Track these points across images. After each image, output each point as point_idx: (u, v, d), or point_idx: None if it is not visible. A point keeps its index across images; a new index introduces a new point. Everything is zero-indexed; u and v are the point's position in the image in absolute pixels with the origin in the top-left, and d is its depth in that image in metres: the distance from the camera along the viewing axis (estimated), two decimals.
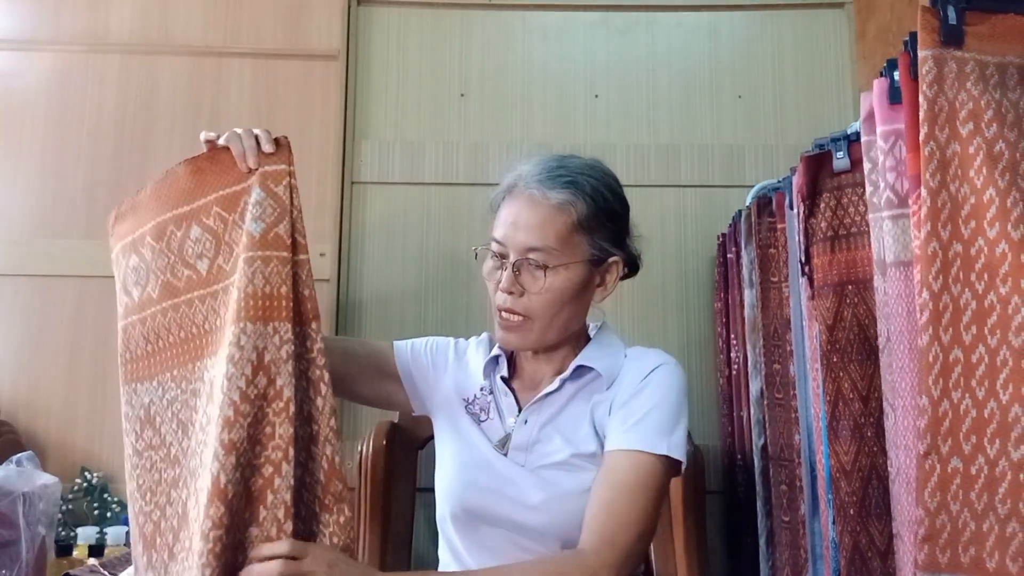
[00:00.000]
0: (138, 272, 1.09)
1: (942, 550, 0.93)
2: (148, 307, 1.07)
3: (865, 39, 2.37)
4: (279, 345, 0.95)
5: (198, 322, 1.02)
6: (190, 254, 1.04)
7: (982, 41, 0.99)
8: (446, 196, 2.35)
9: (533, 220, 1.14)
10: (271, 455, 0.92)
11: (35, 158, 2.31)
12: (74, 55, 2.37)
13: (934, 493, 0.94)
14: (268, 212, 0.98)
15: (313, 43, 2.40)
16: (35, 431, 2.18)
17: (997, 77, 0.98)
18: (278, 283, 0.96)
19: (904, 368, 1.05)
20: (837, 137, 1.39)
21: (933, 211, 0.96)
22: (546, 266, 1.14)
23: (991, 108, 0.96)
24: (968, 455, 0.94)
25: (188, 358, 1.03)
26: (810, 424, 1.49)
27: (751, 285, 1.83)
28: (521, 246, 1.15)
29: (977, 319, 0.95)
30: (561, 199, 1.14)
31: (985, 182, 0.95)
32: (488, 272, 1.19)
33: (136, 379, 1.08)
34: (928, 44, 0.98)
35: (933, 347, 0.96)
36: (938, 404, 0.95)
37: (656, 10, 2.48)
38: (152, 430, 1.05)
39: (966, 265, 0.96)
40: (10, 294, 2.25)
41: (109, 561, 1.35)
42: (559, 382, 1.20)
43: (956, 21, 0.98)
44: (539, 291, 1.14)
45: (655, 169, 2.38)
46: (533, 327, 1.17)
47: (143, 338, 1.07)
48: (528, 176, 1.18)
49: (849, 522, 1.23)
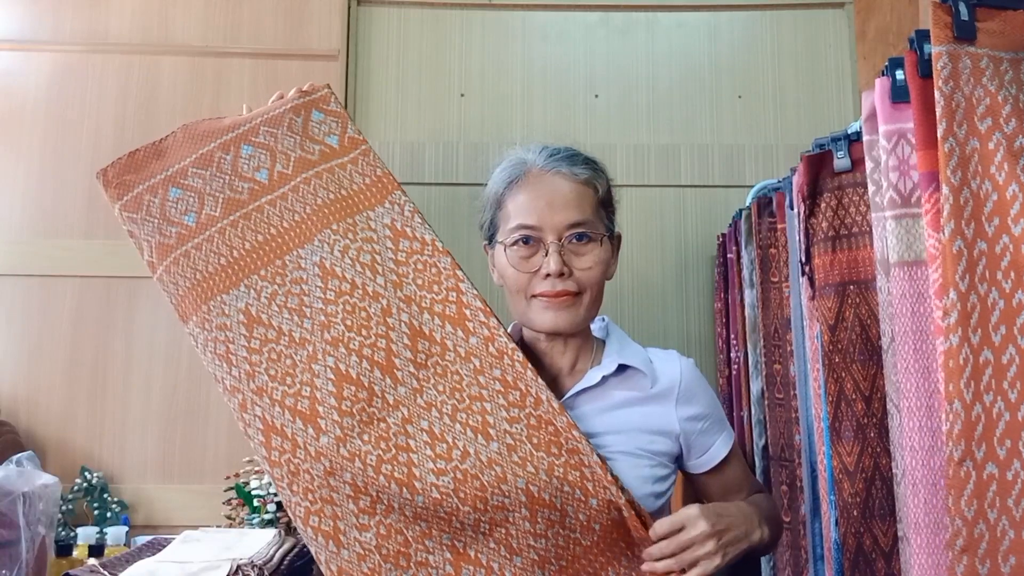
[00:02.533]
0: (185, 201, 1.15)
1: (982, 560, 0.88)
2: (212, 225, 1.14)
3: (865, 39, 2.38)
4: (401, 210, 1.16)
5: (275, 223, 1.13)
6: (246, 170, 1.15)
7: (994, 37, 0.97)
8: (446, 196, 2.35)
9: (570, 196, 1.15)
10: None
11: (35, 158, 2.31)
12: (74, 55, 2.37)
13: (971, 501, 0.89)
14: (334, 125, 1.19)
15: (313, 43, 2.40)
16: (35, 431, 2.19)
17: (1012, 73, 0.97)
18: (372, 170, 1.18)
19: (909, 369, 1.04)
20: (838, 137, 1.39)
21: (956, 209, 0.93)
22: (590, 239, 1.15)
23: (1009, 103, 0.95)
24: (1004, 460, 0.90)
25: (275, 256, 1.12)
26: (810, 424, 1.49)
27: (751, 285, 1.83)
28: (562, 224, 1.13)
29: (1006, 319, 0.92)
30: (586, 175, 1.17)
31: (1007, 178, 0.93)
32: (517, 262, 1.15)
33: (218, 292, 1.12)
34: (942, 40, 0.96)
35: (963, 349, 0.91)
36: (971, 408, 0.90)
37: (656, 10, 2.49)
38: (262, 326, 1.10)
39: (991, 263, 0.93)
40: (10, 294, 2.25)
41: (109, 561, 1.35)
42: (600, 377, 1.18)
43: (968, 17, 0.96)
44: (587, 266, 1.15)
45: (655, 169, 2.39)
46: (583, 303, 1.16)
47: (214, 254, 1.13)
48: (540, 160, 1.18)
49: (852, 523, 1.22)
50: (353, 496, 1.03)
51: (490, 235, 1.22)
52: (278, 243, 1.13)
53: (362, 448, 1.04)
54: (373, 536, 1.02)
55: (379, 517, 1.03)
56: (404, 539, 1.03)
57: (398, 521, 1.03)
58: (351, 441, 1.04)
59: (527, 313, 1.17)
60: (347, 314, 1.09)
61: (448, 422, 1.06)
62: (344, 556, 1.02)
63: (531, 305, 1.16)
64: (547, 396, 1.08)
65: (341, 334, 1.08)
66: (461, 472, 1.03)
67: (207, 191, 1.15)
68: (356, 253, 1.12)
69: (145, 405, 2.23)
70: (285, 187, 1.15)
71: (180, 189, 1.15)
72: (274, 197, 1.14)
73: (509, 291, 1.19)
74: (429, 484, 1.03)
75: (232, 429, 2.22)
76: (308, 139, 1.18)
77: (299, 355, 1.08)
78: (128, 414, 2.22)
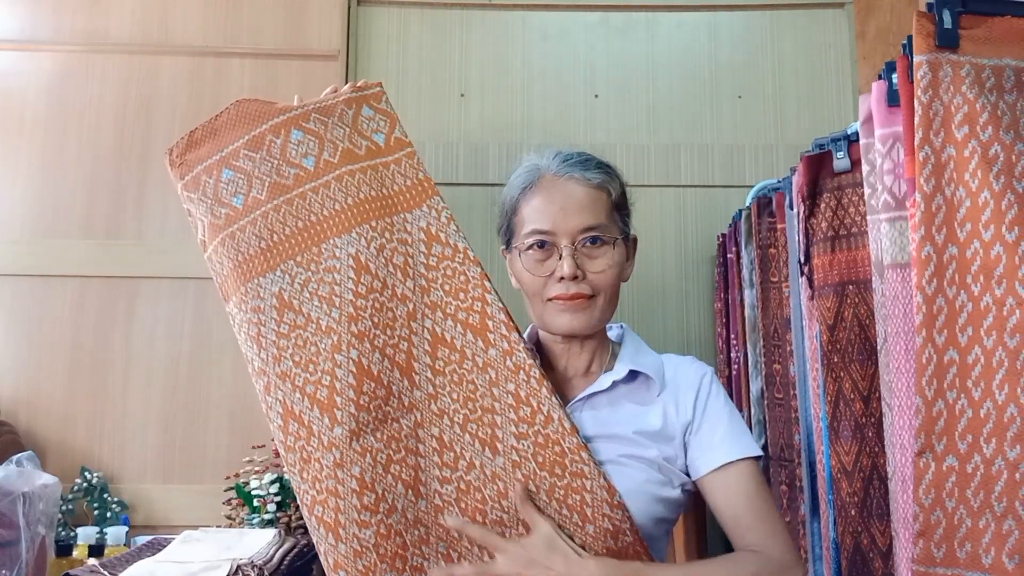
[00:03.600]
0: (236, 183, 1.16)
1: (937, 545, 0.94)
2: (257, 208, 1.15)
3: (865, 39, 2.37)
4: (438, 215, 1.16)
5: (315, 211, 1.14)
6: (294, 155, 1.15)
7: (978, 44, 0.99)
8: (446, 196, 2.30)
9: (583, 201, 1.17)
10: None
11: (35, 158, 2.32)
12: (74, 55, 2.37)
13: (928, 490, 0.95)
14: (382, 123, 1.20)
15: (313, 43, 2.40)
16: (35, 431, 2.19)
17: (994, 80, 0.98)
18: (415, 173, 1.18)
19: (900, 368, 1.05)
20: (837, 137, 1.39)
21: (927, 215, 0.97)
22: (603, 242, 1.16)
23: (986, 111, 0.96)
24: (964, 454, 0.95)
25: (311, 243, 1.13)
26: (810, 424, 1.49)
27: (751, 285, 1.83)
28: (575, 229, 1.15)
29: (973, 321, 0.95)
30: (599, 179, 1.18)
31: (980, 185, 0.95)
32: (532, 266, 1.17)
33: (256, 274, 1.13)
34: (923, 49, 0.98)
35: (927, 349, 0.96)
36: (932, 404, 0.96)
37: (656, 10, 2.49)
38: (292, 312, 1.11)
39: (962, 268, 0.96)
40: (10, 294, 2.25)
41: (109, 561, 1.35)
42: (610, 382, 1.19)
43: (951, 25, 0.98)
44: (601, 269, 1.16)
45: (655, 169, 2.39)
46: (597, 305, 1.17)
47: (255, 236, 1.14)
48: (554, 166, 1.19)
49: (850, 523, 1.23)
50: (358, 491, 1.03)
51: (507, 240, 1.24)
52: (316, 231, 1.13)
53: (374, 445, 1.05)
54: (372, 534, 1.03)
55: (381, 516, 1.03)
56: (402, 542, 1.04)
57: (398, 523, 1.04)
58: (364, 437, 1.05)
59: (544, 316, 1.19)
60: (375, 311, 1.10)
61: (458, 432, 1.07)
62: (341, 550, 1.03)
63: (547, 308, 1.17)
64: (559, 415, 1.08)
65: (367, 329, 1.09)
66: (464, 483, 1.05)
67: (255, 173, 1.16)
68: (390, 253, 1.12)
69: (145, 405, 2.23)
70: (329, 175, 1.15)
71: (232, 170, 1.16)
72: (317, 184, 1.14)
73: (527, 295, 1.21)
74: (433, 491, 1.04)
75: (232, 429, 2.23)
76: (357, 133, 1.18)
77: (324, 344, 1.09)
78: (128, 414, 2.22)
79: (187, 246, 2.28)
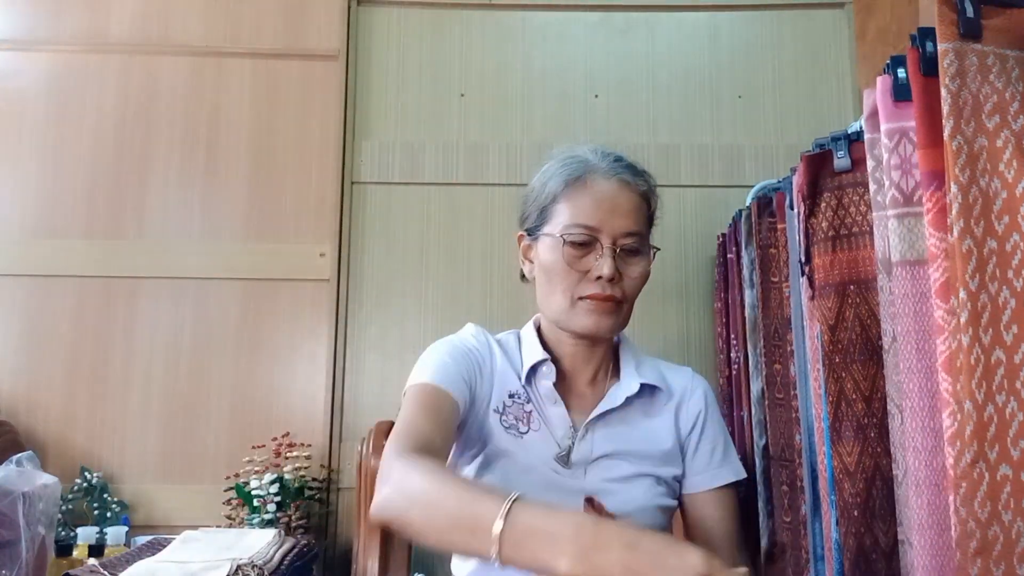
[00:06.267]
0: None
1: (996, 563, 0.87)
2: None
3: (865, 39, 2.37)
4: None
5: None
6: None
7: (1000, 35, 0.96)
8: (446, 196, 2.35)
9: (629, 205, 1.16)
10: None
11: (35, 158, 2.31)
12: (74, 55, 2.37)
13: (984, 503, 0.88)
14: None
15: (313, 43, 2.40)
16: (35, 431, 2.18)
17: (1019, 70, 0.96)
18: None
19: (912, 369, 1.03)
20: (838, 136, 1.38)
21: (965, 207, 0.92)
22: (639, 251, 1.17)
23: (1017, 100, 0.94)
24: (1017, 461, 0.88)
25: None
26: (811, 424, 1.49)
27: (751, 285, 1.83)
28: (620, 231, 1.15)
29: (1017, 318, 0.90)
30: (644, 188, 1.19)
31: (1016, 176, 0.92)
32: (570, 259, 1.14)
33: None
34: (947, 37, 0.95)
35: (975, 349, 0.89)
36: (983, 409, 0.89)
37: (656, 10, 2.48)
38: None
39: (1002, 262, 0.91)
40: (10, 294, 2.25)
41: (109, 561, 1.35)
42: (624, 399, 1.19)
43: (974, 15, 0.96)
44: (634, 275, 1.17)
45: (655, 169, 2.32)
46: (623, 311, 1.18)
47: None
48: (604, 165, 1.18)
49: (853, 523, 1.22)
50: None
51: (535, 225, 1.20)
52: None
53: None
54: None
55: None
56: None
57: None
58: None
59: (567, 311, 1.16)
60: None
61: None
62: None
63: (576, 306, 1.15)
64: None
65: None
66: None
67: None
68: None
69: (145, 405, 2.23)
70: None
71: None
72: None
73: (549, 286, 1.17)
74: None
75: (232, 429, 2.22)
76: None
77: None
78: (128, 414, 2.22)
79: (187, 246, 2.28)
